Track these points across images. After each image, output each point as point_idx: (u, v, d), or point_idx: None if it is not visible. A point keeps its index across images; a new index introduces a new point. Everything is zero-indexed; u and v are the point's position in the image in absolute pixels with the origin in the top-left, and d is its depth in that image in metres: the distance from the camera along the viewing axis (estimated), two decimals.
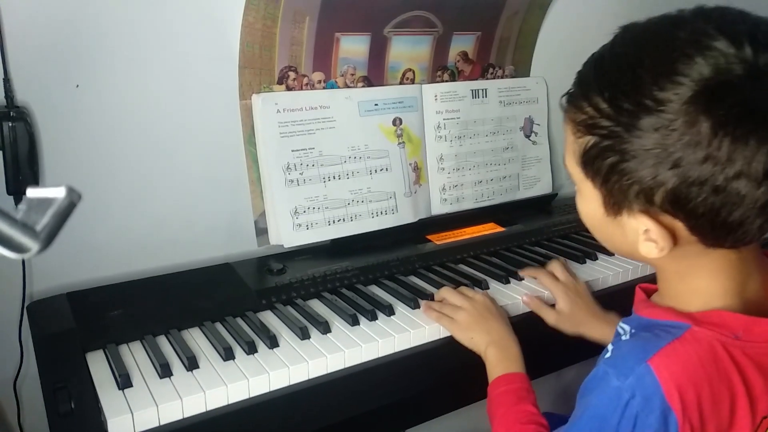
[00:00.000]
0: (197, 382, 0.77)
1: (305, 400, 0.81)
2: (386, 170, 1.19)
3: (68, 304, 0.92)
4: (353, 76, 1.17)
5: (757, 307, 0.61)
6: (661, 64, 0.52)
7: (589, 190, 0.61)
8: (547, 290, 1.01)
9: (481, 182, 1.33)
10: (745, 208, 0.52)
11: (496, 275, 1.06)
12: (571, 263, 1.11)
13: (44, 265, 0.98)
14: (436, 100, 1.26)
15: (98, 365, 0.81)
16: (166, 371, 0.78)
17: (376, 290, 1.02)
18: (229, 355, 0.82)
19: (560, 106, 0.62)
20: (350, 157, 1.15)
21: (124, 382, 0.76)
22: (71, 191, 0.56)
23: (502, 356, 0.86)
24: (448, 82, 1.29)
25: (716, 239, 0.56)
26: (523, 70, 1.40)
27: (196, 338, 0.87)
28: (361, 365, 0.85)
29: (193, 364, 0.80)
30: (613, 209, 0.59)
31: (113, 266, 1.02)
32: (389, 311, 0.94)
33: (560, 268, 1.04)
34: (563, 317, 0.97)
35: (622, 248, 0.64)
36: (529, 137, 1.40)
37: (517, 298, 1.00)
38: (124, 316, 0.89)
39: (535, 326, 0.97)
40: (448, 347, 0.91)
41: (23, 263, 0.96)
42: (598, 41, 0.60)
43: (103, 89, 0.97)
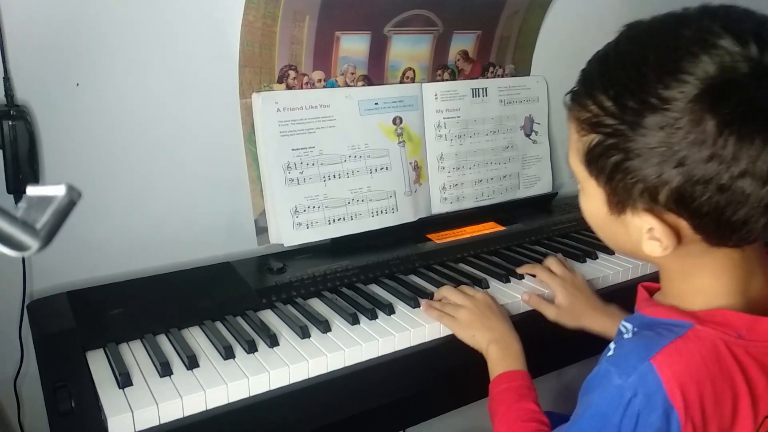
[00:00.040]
0: (197, 380, 0.77)
1: (305, 399, 0.81)
2: (386, 169, 1.19)
3: (68, 302, 0.92)
4: (353, 75, 1.17)
5: (760, 306, 0.61)
6: (666, 62, 0.52)
7: (592, 188, 0.60)
8: (547, 288, 1.01)
9: (481, 181, 1.33)
10: (749, 206, 0.52)
11: (496, 274, 1.06)
12: (571, 262, 1.10)
13: (44, 263, 0.98)
14: (436, 99, 1.26)
15: (98, 364, 0.81)
16: (166, 370, 0.78)
17: (376, 289, 1.02)
18: (229, 354, 0.82)
19: (564, 104, 0.62)
20: (350, 156, 1.15)
21: (124, 380, 0.76)
22: (71, 189, 0.56)
23: (503, 354, 0.86)
24: (448, 81, 1.29)
25: (720, 238, 0.56)
26: (523, 69, 1.40)
27: (196, 337, 0.87)
28: (361, 364, 0.85)
29: (193, 363, 0.80)
30: (616, 208, 0.59)
31: (113, 265, 1.02)
32: (389, 310, 0.94)
33: (557, 262, 1.04)
34: (563, 311, 0.97)
35: (625, 247, 0.63)
36: (529, 136, 1.40)
37: (517, 297, 1.00)
38: (124, 315, 0.89)
39: (535, 325, 0.97)
40: (448, 346, 0.91)
41: (23, 262, 0.96)
42: (598, 40, 0.59)
43: (103, 88, 0.97)
